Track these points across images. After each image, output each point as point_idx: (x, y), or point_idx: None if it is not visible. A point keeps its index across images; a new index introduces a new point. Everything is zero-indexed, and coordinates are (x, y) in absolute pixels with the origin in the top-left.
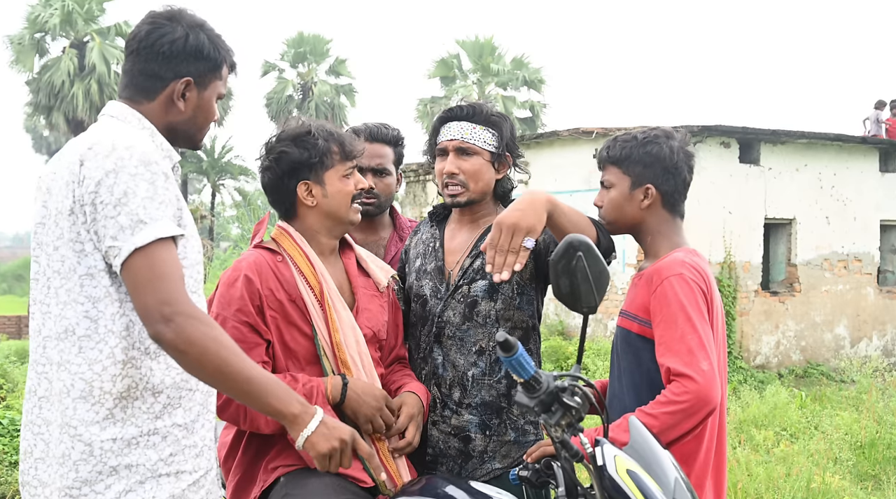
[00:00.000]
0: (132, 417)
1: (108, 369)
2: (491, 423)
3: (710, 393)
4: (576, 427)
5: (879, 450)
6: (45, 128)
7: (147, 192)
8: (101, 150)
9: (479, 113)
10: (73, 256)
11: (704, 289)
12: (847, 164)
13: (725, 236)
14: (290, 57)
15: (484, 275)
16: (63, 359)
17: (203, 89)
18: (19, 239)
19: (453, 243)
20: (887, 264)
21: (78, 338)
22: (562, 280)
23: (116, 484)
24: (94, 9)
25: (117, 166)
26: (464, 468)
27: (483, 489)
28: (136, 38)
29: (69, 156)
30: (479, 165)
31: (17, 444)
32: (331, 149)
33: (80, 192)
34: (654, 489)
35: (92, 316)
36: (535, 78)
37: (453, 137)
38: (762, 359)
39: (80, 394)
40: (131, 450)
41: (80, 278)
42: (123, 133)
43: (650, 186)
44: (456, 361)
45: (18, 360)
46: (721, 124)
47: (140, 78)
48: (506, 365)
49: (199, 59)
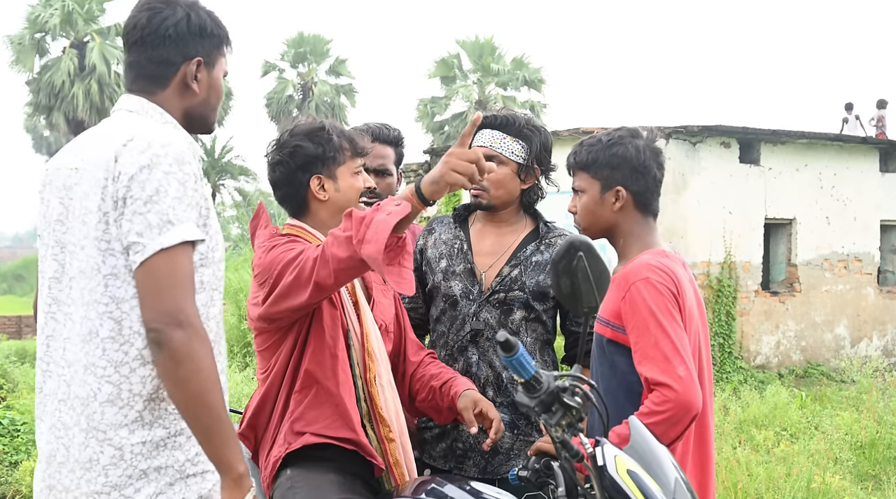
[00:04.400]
0: (160, 418)
1: (136, 371)
2: (519, 423)
3: (689, 399)
4: (576, 427)
5: (879, 450)
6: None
7: (177, 192)
8: (137, 145)
9: (511, 124)
10: (97, 256)
11: (674, 291)
12: (847, 164)
13: (725, 236)
14: (290, 57)
15: (522, 286)
16: (88, 362)
17: (212, 68)
18: (19, 239)
19: (482, 246)
20: (887, 264)
21: (101, 340)
22: (562, 280)
23: (146, 487)
24: (94, 9)
25: (152, 162)
26: (490, 464)
27: (483, 489)
28: (138, 28)
29: (99, 152)
30: (503, 174)
31: (18, 444)
32: (343, 145)
33: (113, 188)
34: (655, 489)
35: (116, 317)
36: (535, 78)
37: (483, 144)
38: (762, 359)
39: (107, 397)
40: (160, 452)
41: (104, 278)
42: (157, 130)
43: (620, 187)
44: (492, 362)
45: (18, 360)
46: (721, 124)
47: (150, 66)
48: (507, 365)
49: (204, 36)
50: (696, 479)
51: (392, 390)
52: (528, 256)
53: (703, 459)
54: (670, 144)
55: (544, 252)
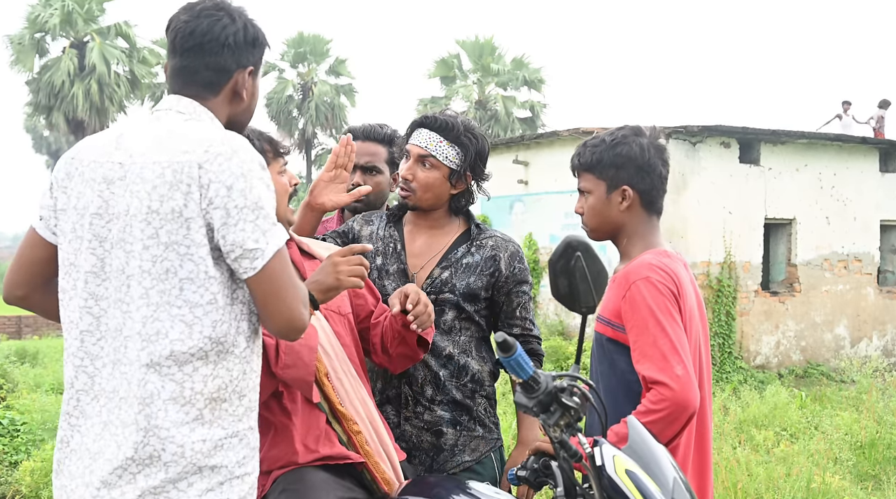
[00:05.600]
0: (219, 418)
1: (199, 370)
2: (461, 419)
3: (686, 397)
4: (574, 427)
5: (879, 450)
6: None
7: (270, 198)
8: (222, 152)
9: (450, 128)
10: (174, 259)
11: (674, 290)
12: (847, 164)
13: (725, 236)
14: (290, 57)
15: (452, 288)
16: (152, 361)
17: (257, 77)
18: (19, 239)
19: (413, 246)
20: (887, 264)
21: (170, 341)
22: (560, 280)
23: (199, 483)
24: (94, 9)
25: (245, 170)
26: (435, 461)
27: (484, 489)
28: (196, 34)
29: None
30: (433, 178)
31: (18, 444)
32: (264, 148)
33: (198, 196)
34: (653, 489)
35: (188, 321)
36: (535, 78)
37: (419, 143)
38: (762, 359)
39: (170, 395)
40: (216, 452)
41: (180, 282)
42: (228, 136)
43: (626, 187)
44: (428, 362)
45: (18, 360)
46: (721, 124)
47: (206, 73)
48: (505, 365)
49: (257, 46)
50: (695, 479)
51: (352, 379)
52: (458, 258)
53: (702, 459)
54: (670, 144)
55: (475, 254)
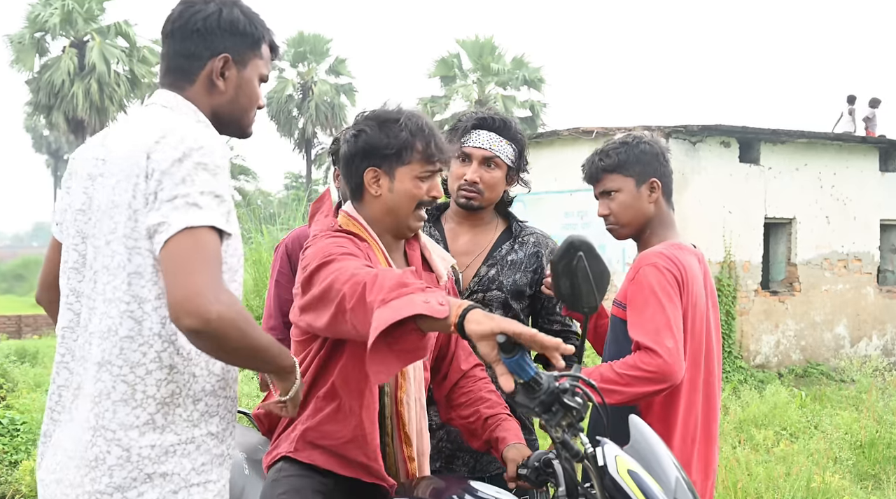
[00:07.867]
0: (172, 424)
1: (152, 373)
2: None
3: (672, 369)
4: (576, 427)
5: (879, 450)
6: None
7: (207, 184)
8: (170, 141)
9: (507, 128)
10: (124, 253)
11: (679, 277)
12: (847, 163)
13: (725, 236)
14: (290, 56)
15: (500, 286)
16: (104, 359)
17: (242, 68)
18: (19, 239)
19: (457, 245)
20: (887, 264)
21: (120, 338)
22: (562, 280)
23: (150, 492)
24: (94, 8)
25: (183, 155)
26: (479, 462)
27: (483, 489)
28: (170, 20)
29: (130, 147)
30: (498, 177)
31: (18, 443)
32: (413, 145)
33: (144, 186)
34: (655, 489)
35: (136, 317)
36: (535, 78)
37: (482, 145)
38: (762, 358)
39: (120, 397)
40: (168, 458)
41: (128, 276)
42: (191, 127)
43: (654, 179)
44: None
45: (18, 360)
46: (721, 124)
47: (178, 59)
48: (506, 366)
49: (235, 34)
50: (698, 479)
51: (420, 408)
52: (503, 255)
53: (706, 459)
54: (670, 143)
55: (518, 251)
